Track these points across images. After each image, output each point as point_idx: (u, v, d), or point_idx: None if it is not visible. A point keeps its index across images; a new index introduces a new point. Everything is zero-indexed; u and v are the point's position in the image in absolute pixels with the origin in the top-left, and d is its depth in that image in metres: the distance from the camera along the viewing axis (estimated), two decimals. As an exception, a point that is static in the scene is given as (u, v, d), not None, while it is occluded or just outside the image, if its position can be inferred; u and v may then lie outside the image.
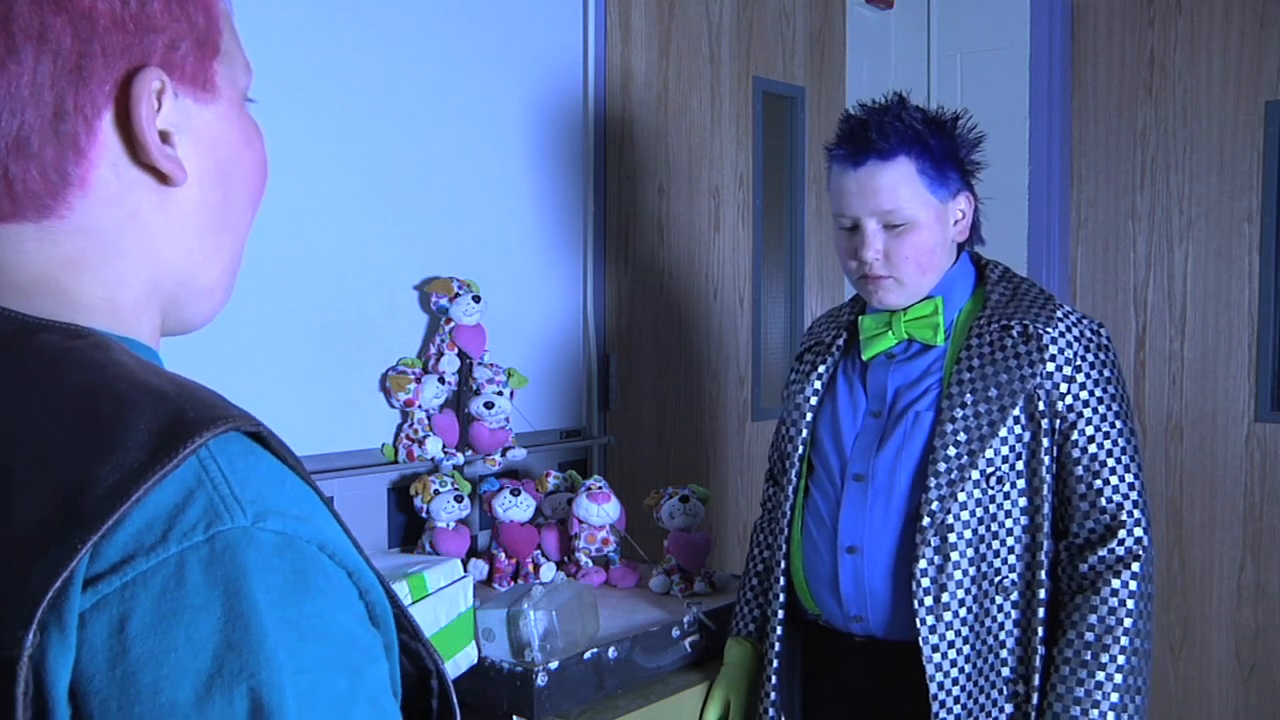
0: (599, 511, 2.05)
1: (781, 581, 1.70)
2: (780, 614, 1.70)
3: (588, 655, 1.64)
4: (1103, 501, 1.53)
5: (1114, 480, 1.54)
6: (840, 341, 1.73)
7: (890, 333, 1.64)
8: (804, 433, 1.70)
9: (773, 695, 1.70)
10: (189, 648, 0.53)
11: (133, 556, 0.53)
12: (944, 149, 1.60)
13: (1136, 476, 1.55)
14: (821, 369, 1.72)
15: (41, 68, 0.61)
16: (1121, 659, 1.49)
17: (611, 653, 1.67)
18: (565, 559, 2.12)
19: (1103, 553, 1.52)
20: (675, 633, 1.79)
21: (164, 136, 0.66)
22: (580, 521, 2.07)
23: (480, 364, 2.22)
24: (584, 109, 2.54)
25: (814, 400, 1.71)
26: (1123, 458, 1.54)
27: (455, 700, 0.74)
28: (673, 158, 2.74)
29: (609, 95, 2.57)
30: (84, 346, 0.62)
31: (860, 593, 1.61)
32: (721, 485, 2.88)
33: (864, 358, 1.67)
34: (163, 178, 0.66)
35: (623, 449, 2.63)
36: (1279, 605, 3.03)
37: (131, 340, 0.67)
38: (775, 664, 1.70)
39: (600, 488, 2.07)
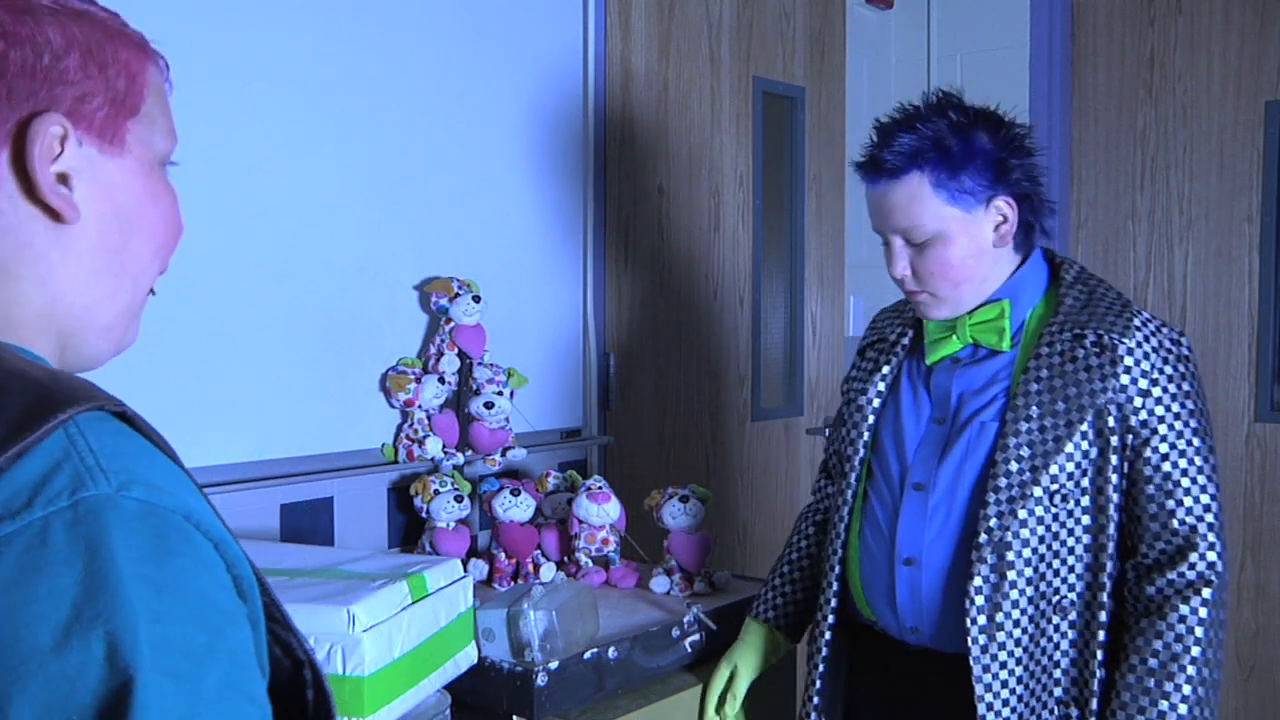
0: (599, 511, 2.05)
1: (835, 586, 1.65)
2: (831, 619, 1.65)
3: (588, 655, 1.63)
4: (1175, 523, 1.46)
5: (1188, 501, 1.46)
6: (905, 340, 1.67)
7: (955, 337, 1.57)
8: (865, 436, 1.64)
9: (815, 700, 1.66)
10: (49, 599, 0.56)
11: None
12: (968, 154, 1.50)
13: (1213, 498, 1.47)
14: (886, 369, 1.65)
15: None
16: (1187, 688, 1.42)
17: (611, 653, 1.67)
18: (565, 559, 2.12)
19: (1172, 575, 1.45)
20: (675, 633, 1.79)
21: (62, 178, 0.72)
22: (580, 521, 2.07)
23: (480, 364, 2.22)
24: (584, 109, 2.54)
25: (876, 402, 1.65)
26: (1199, 477, 1.47)
27: (329, 690, 0.75)
28: (673, 158, 2.74)
29: (609, 95, 2.57)
30: None
31: (917, 606, 1.56)
32: (721, 485, 2.88)
33: (928, 361, 1.60)
34: (55, 215, 0.72)
35: (623, 449, 2.63)
36: (1279, 605, 3.03)
37: (24, 349, 0.72)
38: (821, 668, 1.66)
39: (600, 488, 2.07)
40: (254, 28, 1.94)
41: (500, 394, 2.20)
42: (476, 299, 2.17)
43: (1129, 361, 1.47)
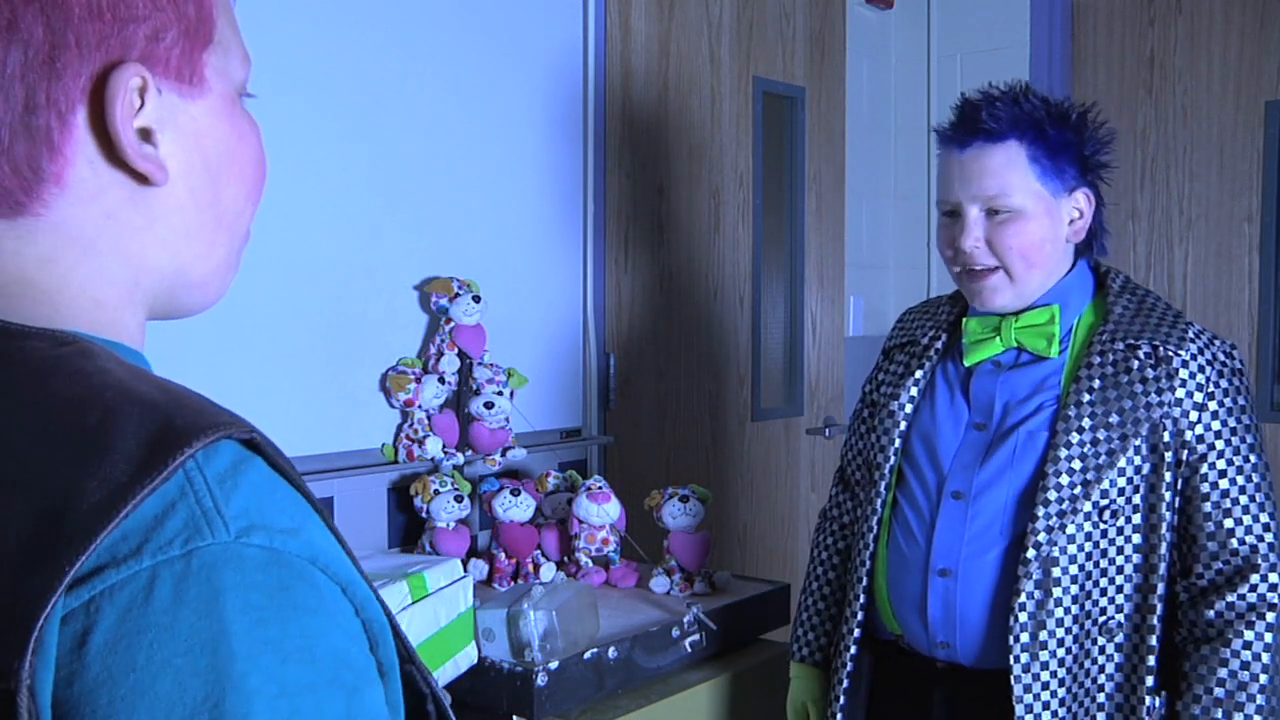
0: (599, 511, 2.05)
1: (862, 599, 1.58)
2: (856, 633, 1.59)
3: (588, 655, 1.63)
4: (1234, 543, 1.41)
5: (1247, 520, 1.41)
6: (939, 344, 1.60)
7: (998, 338, 1.51)
8: (897, 442, 1.57)
9: (839, 716, 1.60)
10: (149, 669, 0.49)
11: (103, 568, 0.50)
12: (1063, 140, 1.47)
13: (1272, 516, 1.43)
14: (919, 374, 1.59)
15: (11, 59, 0.58)
16: (1258, 719, 1.38)
17: (611, 653, 1.67)
18: (565, 559, 2.12)
19: (1232, 598, 1.40)
20: (675, 633, 1.79)
21: (145, 134, 0.63)
22: (580, 521, 2.07)
23: (480, 364, 2.22)
24: (584, 109, 2.54)
25: (909, 408, 1.58)
26: (1257, 495, 1.42)
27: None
28: (673, 158, 2.74)
29: (609, 95, 2.57)
30: (69, 354, 0.59)
31: (950, 619, 1.50)
32: (721, 485, 2.88)
33: (966, 363, 1.54)
34: (141, 178, 0.63)
35: (623, 449, 2.63)
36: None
37: (117, 344, 0.65)
38: (845, 684, 1.60)
39: (600, 488, 2.07)
40: (254, 28, 1.93)
41: (500, 394, 2.20)
42: (476, 299, 2.17)
43: (1184, 375, 1.43)
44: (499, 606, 1.60)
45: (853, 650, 1.59)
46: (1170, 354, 1.43)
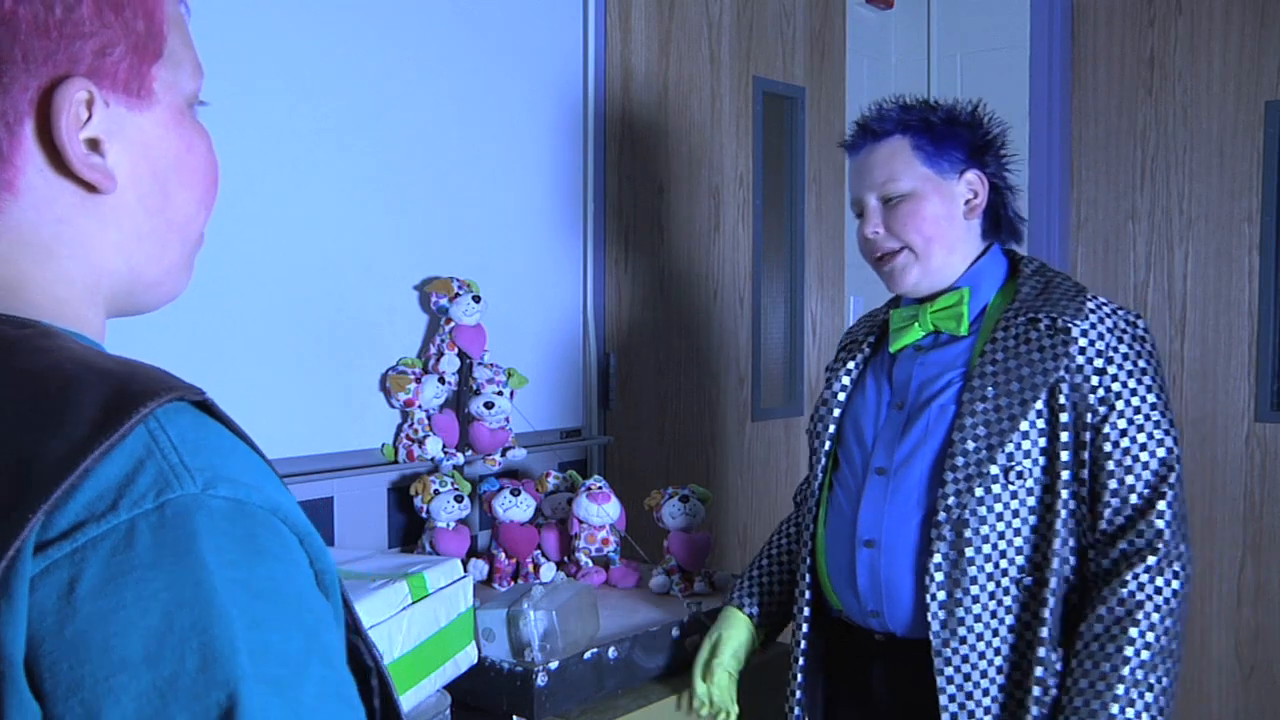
0: (599, 511, 2.05)
1: (808, 578, 1.68)
2: (806, 611, 1.68)
3: (588, 655, 1.64)
4: (1134, 497, 1.49)
5: (1146, 474, 1.49)
6: (872, 339, 1.73)
7: (917, 324, 1.63)
8: (830, 428, 1.70)
9: (798, 694, 1.68)
10: (138, 605, 0.53)
11: (83, 524, 0.54)
12: (947, 131, 1.61)
13: (1170, 469, 1.49)
14: (851, 365, 1.72)
15: None
16: (1129, 650, 1.44)
17: (611, 653, 1.67)
18: (565, 559, 2.12)
19: (1124, 545, 1.48)
20: (675, 633, 1.79)
21: (94, 144, 0.66)
22: (580, 521, 2.07)
23: (480, 364, 2.22)
24: (584, 109, 2.54)
25: (841, 396, 1.70)
26: (1158, 450, 1.49)
27: (398, 700, 0.72)
28: (673, 158, 2.74)
29: (609, 95, 2.57)
30: (31, 335, 0.63)
31: (876, 588, 1.59)
32: (721, 485, 2.88)
33: (891, 350, 1.66)
34: (90, 186, 0.66)
35: (623, 449, 2.63)
36: (1279, 605, 3.03)
37: (78, 334, 0.68)
38: (801, 661, 1.68)
39: (600, 488, 2.07)
40: (255, 29, 1.94)
41: (500, 394, 2.20)
42: (476, 299, 2.17)
43: (1083, 342, 1.51)
44: (499, 606, 1.60)
45: (804, 629, 1.68)
46: (1067, 324, 1.52)
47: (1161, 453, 1.50)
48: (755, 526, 2.98)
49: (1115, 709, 1.44)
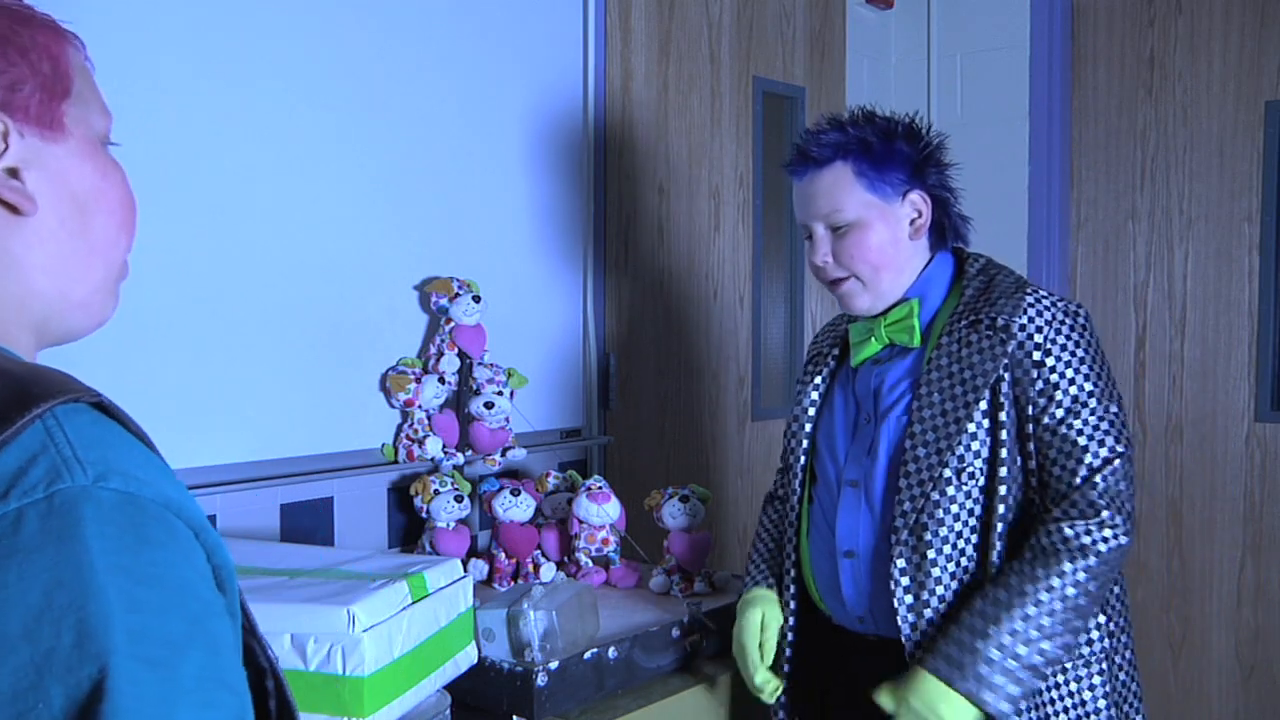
0: (599, 511, 2.05)
1: (792, 589, 1.72)
2: (792, 620, 1.72)
3: (588, 655, 1.64)
4: (1077, 480, 1.49)
5: (1088, 458, 1.49)
6: (835, 352, 1.77)
7: (874, 339, 1.66)
8: (804, 444, 1.74)
9: (781, 698, 1.72)
10: (19, 585, 0.56)
11: None
12: (886, 151, 1.61)
13: (1114, 452, 1.50)
14: (818, 379, 1.75)
15: None
16: (1035, 590, 1.45)
17: (611, 653, 1.67)
18: (565, 559, 2.12)
19: (1058, 513, 1.50)
20: (675, 633, 1.79)
21: (13, 172, 0.73)
22: (580, 521, 2.07)
23: (480, 364, 2.22)
24: (584, 109, 2.54)
25: (811, 411, 1.74)
26: (1103, 436, 1.50)
27: (293, 702, 0.74)
28: (673, 158, 2.74)
29: (609, 95, 2.57)
30: None
31: (861, 595, 1.63)
32: (721, 485, 2.88)
33: (853, 364, 1.70)
34: (12, 209, 0.73)
35: (623, 449, 2.63)
36: (1279, 605, 3.03)
37: (5, 349, 0.72)
38: (786, 668, 1.72)
39: (600, 488, 2.07)
40: (255, 30, 1.94)
41: (500, 394, 2.20)
42: (476, 299, 2.17)
43: (1021, 337, 1.53)
44: (499, 606, 1.60)
45: (790, 637, 1.71)
46: (1006, 321, 1.54)
47: (1100, 435, 1.50)
48: (755, 526, 2.98)
49: (1012, 619, 1.45)
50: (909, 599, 1.55)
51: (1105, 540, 1.47)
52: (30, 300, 0.75)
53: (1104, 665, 1.58)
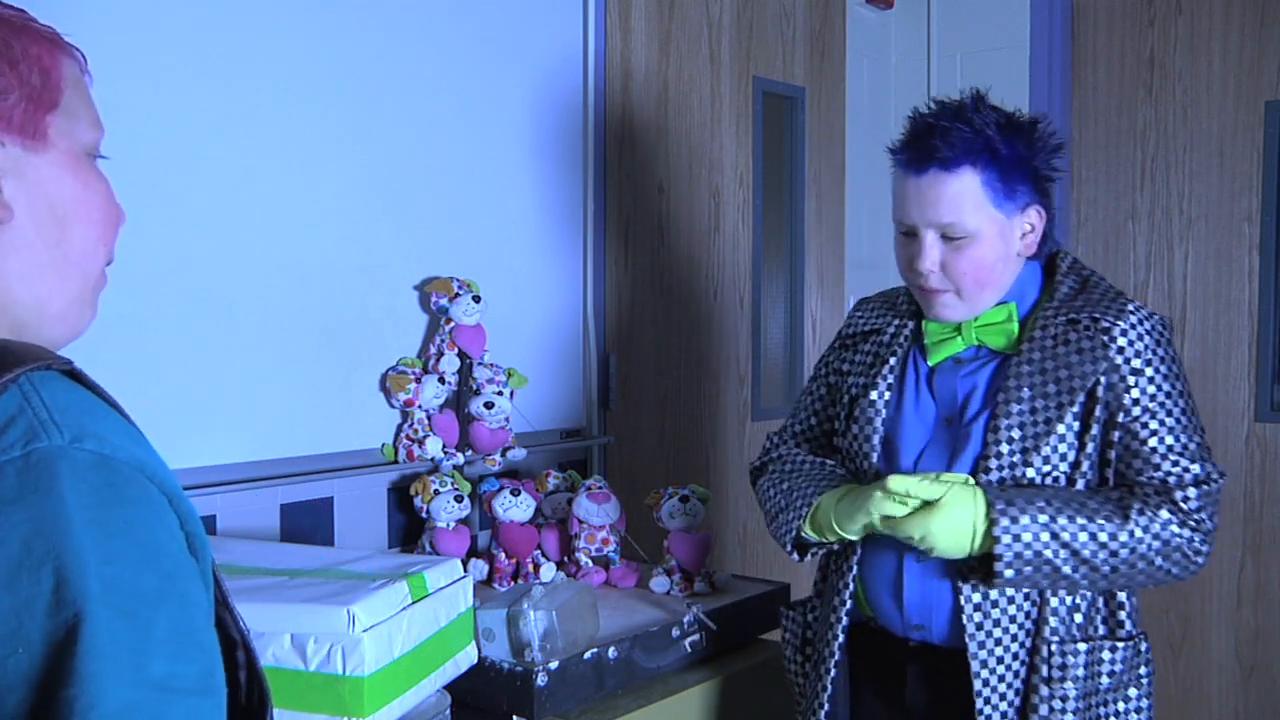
0: (599, 511, 2.05)
1: (851, 587, 1.61)
2: (845, 620, 1.61)
3: (588, 655, 1.63)
4: (1186, 492, 1.45)
5: (1177, 470, 1.46)
6: (904, 336, 1.64)
7: (959, 337, 1.57)
8: (881, 431, 1.60)
9: (826, 705, 1.61)
10: None
11: None
12: (1015, 157, 1.50)
13: (1202, 467, 1.46)
14: (889, 365, 1.62)
15: None
16: (1113, 516, 1.41)
17: (611, 653, 1.67)
18: (565, 559, 2.12)
19: (1170, 509, 1.45)
20: (675, 633, 1.79)
21: None
22: (580, 521, 2.07)
23: (480, 364, 2.22)
24: (584, 109, 2.53)
25: (884, 409, 1.60)
26: (1189, 445, 1.47)
27: (263, 674, 0.77)
28: (673, 158, 2.74)
29: (609, 95, 2.57)
30: None
31: (925, 602, 1.55)
32: (721, 485, 2.88)
33: (929, 363, 1.59)
34: None
35: (623, 449, 2.63)
36: (1279, 605, 3.03)
37: None
38: (833, 673, 1.61)
39: (600, 488, 2.07)
40: (255, 30, 1.94)
41: (500, 394, 2.20)
42: (476, 299, 2.17)
43: (1122, 342, 1.48)
44: (499, 606, 1.60)
45: (840, 639, 1.61)
46: (1109, 325, 1.48)
47: (1193, 447, 1.47)
48: (755, 526, 2.98)
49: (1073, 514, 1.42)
50: (977, 598, 1.49)
51: (1189, 548, 1.44)
52: (12, 308, 0.76)
53: (1153, 689, 1.55)
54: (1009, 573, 1.43)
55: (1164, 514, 1.45)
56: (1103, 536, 1.43)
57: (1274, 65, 2.98)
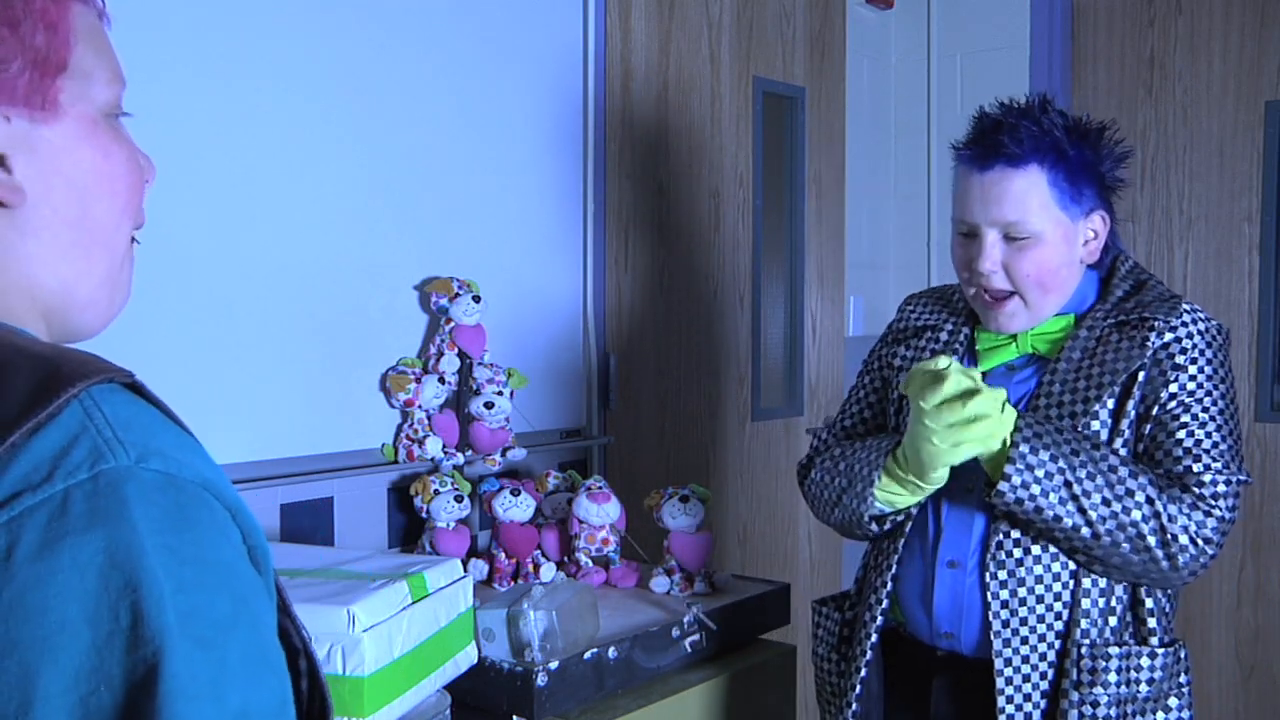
0: (599, 511, 2.05)
1: (889, 586, 1.58)
2: (879, 620, 1.58)
3: (588, 655, 1.64)
4: (1198, 467, 1.42)
5: (1209, 474, 1.42)
6: (962, 336, 1.61)
7: (1014, 345, 1.54)
8: None
9: (854, 706, 1.59)
10: (74, 569, 0.56)
11: (19, 494, 0.57)
12: (1083, 160, 1.48)
13: (1233, 470, 1.43)
14: None
15: None
16: (1126, 471, 1.38)
17: (611, 653, 1.67)
18: (565, 559, 2.12)
19: (1186, 498, 1.42)
20: (675, 633, 1.79)
21: (0, 160, 0.67)
22: (580, 521, 2.07)
23: (480, 364, 2.22)
24: (584, 109, 2.53)
25: None
26: (1223, 447, 1.43)
27: (325, 681, 0.74)
28: (673, 158, 2.74)
29: (609, 95, 2.57)
30: None
31: (956, 610, 1.53)
32: (721, 485, 2.88)
33: (981, 368, 1.54)
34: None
35: (623, 449, 2.63)
36: (1279, 605, 3.03)
37: (20, 329, 0.69)
38: (863, 673, 1.58)
39: (600, 488, 2.07)
40: (254, 29, 1.94)
41: (500, 394, 2.20)
42: (476, 299, 2.17)
43: (1169, 336, 1.45)
44: (499, 606, 1.60)
45: (874, 639, 1.58)
46: (1159, 323, 1.46)
47: (1229, 451, 1.44)
48: (755, 526, 2.98)
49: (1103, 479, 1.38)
50: (1004, 593, 1.46)
51: (1197, 538, 1.40)
52: (35, 292, 0.71)
53: (1193, 699, 1.53)
54: (1016, 478, 1.38)
55: (1178, 492, 1.42)
56: (1113, 477, 1.39)
57: (1274, 65, 2.98)
